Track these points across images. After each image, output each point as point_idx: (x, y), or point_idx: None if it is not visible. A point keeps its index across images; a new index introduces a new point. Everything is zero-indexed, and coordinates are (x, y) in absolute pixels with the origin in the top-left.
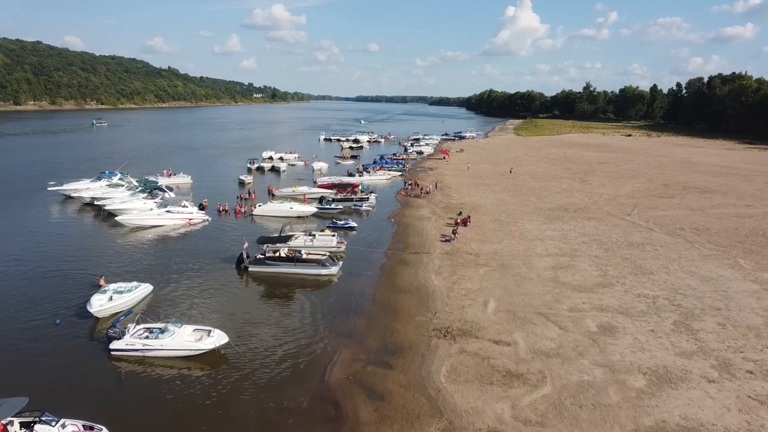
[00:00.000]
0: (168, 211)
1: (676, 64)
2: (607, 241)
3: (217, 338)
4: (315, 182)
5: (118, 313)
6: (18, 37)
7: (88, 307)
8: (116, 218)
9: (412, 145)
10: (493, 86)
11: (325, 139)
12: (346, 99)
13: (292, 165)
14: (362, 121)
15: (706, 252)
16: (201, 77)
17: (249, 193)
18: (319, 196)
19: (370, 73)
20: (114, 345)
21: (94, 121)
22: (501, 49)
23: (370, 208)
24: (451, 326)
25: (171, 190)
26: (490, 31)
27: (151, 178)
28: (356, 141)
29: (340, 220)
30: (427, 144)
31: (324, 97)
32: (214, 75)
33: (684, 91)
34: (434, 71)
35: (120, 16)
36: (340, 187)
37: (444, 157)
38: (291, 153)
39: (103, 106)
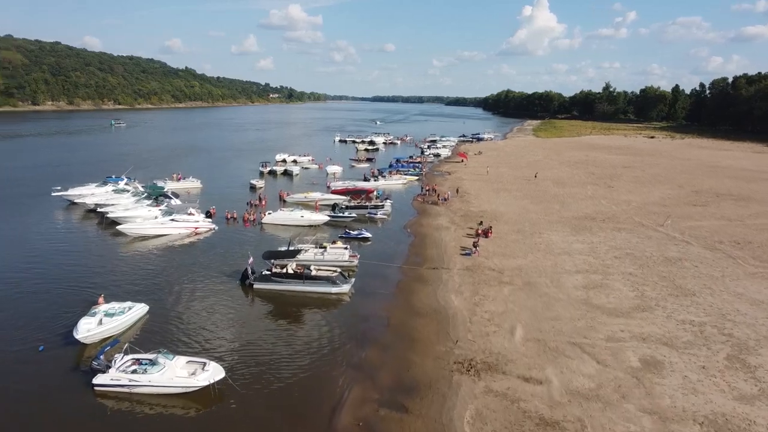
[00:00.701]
0: (173, 220)
1: (696, 63)
2: (640, 256)
3: (212, 373)
4: (328, 187)
5: (108, 338)
6: (37, 38)
7: (75, 333)
8: (118, 227)
9: (428, 147)
10: (509, 86)
11: (340, 141)
12: (363, 99)
13: (306, 168)
14: (378, 122)
15: (752, 270)
16: (218, 77)
17: (260, 199)
18: (332, 202)
19: (387, 74)
20: (98, 380)
21: (113, 122)
22: (518, 48)
23: (385, 216)
24: (475, 358)
25: (177, 196)
26: (507, 31)
27: (159, 183)
28: (372, 143)
29: (353, 230)
30: (444, 146)
31: (340, 97)
32: (231, 75)
33: (707, 91)
34: (451, 71)
35: (139, 17)
36: (354, 193)
37: (462, 160)
38: (305, 156)
39: (120, 107)
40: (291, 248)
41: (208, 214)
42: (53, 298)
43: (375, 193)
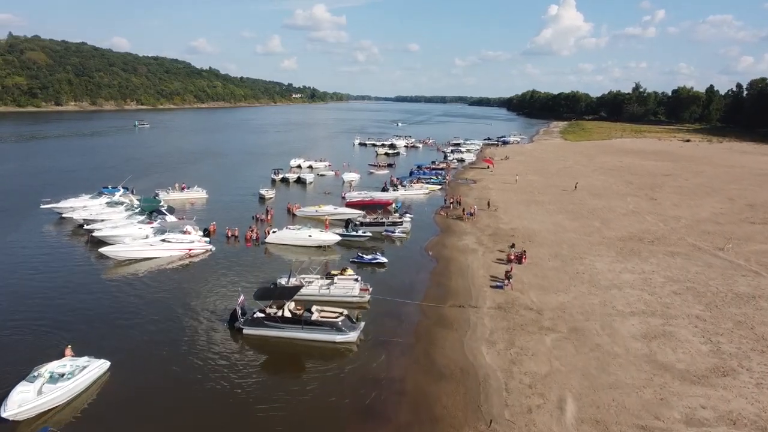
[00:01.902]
0: (164, 240)
1: (725, 63)
2: (704, 291)
3: None
4: (343, 198)
5: (48, 411)
6: (64, 39)
7: (2, 410)
8: (101, 250)
9: (452, 151)
10: (534, 86)
11: (359, 144)
12: (386, 99)
13: (321, 175)
14: (399, 124)
15: None
16: (241, 77)
17: (266, 212)
18: (346, 217)
19: (410, 73)
20: None
21: (137, 123)
22: (543, 48)
23: (404, 235)
24: None
25: (173, 211)
26: (532, 30)
27: (161, 193)
28: (392, 146)
29: (367, 254)
30: (468, 150)
31: (363, 97)
32: (255, 75)
33: (745, 92)
34: (474, 71)
35: (165, 18)
36: (370, 207)
37: (488, 167)
38: (321, 161)
39: (142, 107)
40: (289, 284)
41: (207, 232)
42: (11, 343)
43: (394, 205)
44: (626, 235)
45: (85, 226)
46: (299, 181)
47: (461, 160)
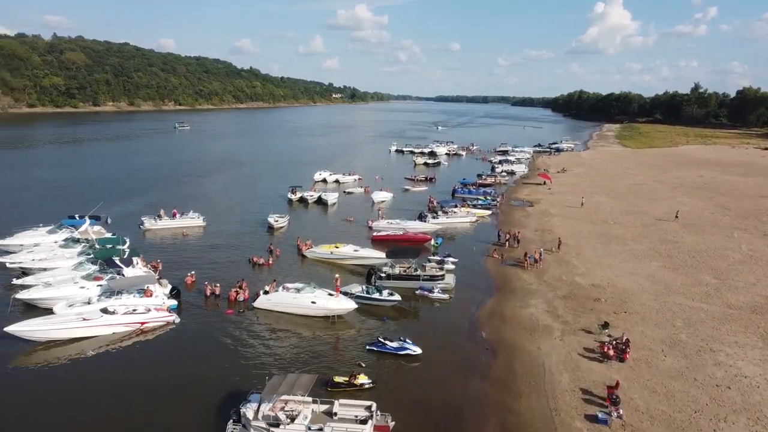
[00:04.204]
0: (105, 311)
1: None
2: None
3: None
4: (370, 228)
5: None
6: (107, 39)
7: None
8: (8, 329)
9: (500, 162)
10: (577, 85)
11: (396, 151)
12: (426, 99)
13: (349, 193)
14: (439, 127)
15: None
16: (282, 77)
17: (270, 253)
18: (367, 262)
19: (451, 73)
20: None
21: (177, 125)
22: (588, 47)
23: (445, 296)
24: None
25: (138, 255)
26: (577, 29)
27: (146, 222)
28: (432, 154)
29: (391, 340)
30: (518, 159)
31: (404, 97)
32: (297, 75)
33: None
34: (516, 70)
35: (211, 19)
36: (400, 253)
37: (544, 182)
38: (350, 174)
39: (180, 107)
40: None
41: (176, 292)
42: None
43: (433, 242)
44: (763, 303)
45: (15, 281)
46: (320, 201)
47: (511, 173)
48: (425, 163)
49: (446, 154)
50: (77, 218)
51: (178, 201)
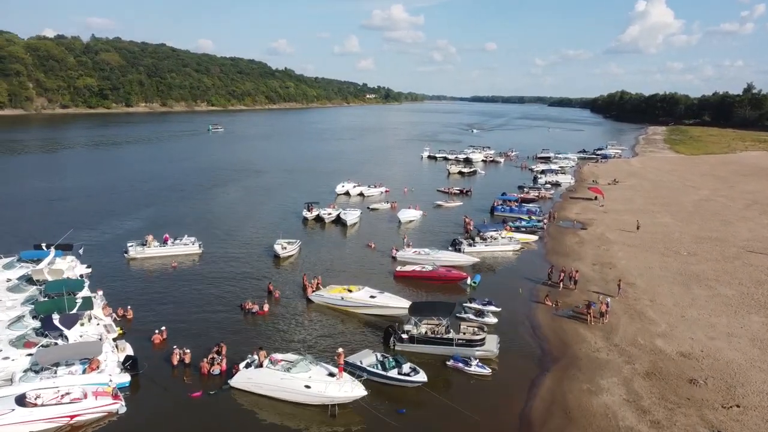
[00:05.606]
0: (21, 403)
1: None
2: None
3: None
4: (393, 257)
5: None
6: (145, 41)
7: None
8: None
9: (542, 172)
10: (616, 86)
11: (428, 157)
12: (461, 99)
13: (373, 209)
14: (475, 131)
15: None
16: (315, 78)
17: (270, 293)
18: (386, 312)
19: (487, 73)
20: None
21: (210, 127)
22: (628, 46)
23: (486, 371)
24: None
25: (89, 308)
26: (617, 27)
27: (131, 250)
28: (467, 161)
29: None
30: (562, 168)
31: (439, 97)
32: (332, 75)
33: None
34: (553, 70)
35: (248, 20)
36: (428, 305)
37: (596, 197)
38: (376, 186)
39: (213, 108)
40: None
41: (131, 362)
42: None
43: (470, 282)
44: None
45: None
46: (338, 220)
47: (556, 184)
48: (460, 172)
49: (482, 161)
50: (44, 248)
51: (178, 218)
